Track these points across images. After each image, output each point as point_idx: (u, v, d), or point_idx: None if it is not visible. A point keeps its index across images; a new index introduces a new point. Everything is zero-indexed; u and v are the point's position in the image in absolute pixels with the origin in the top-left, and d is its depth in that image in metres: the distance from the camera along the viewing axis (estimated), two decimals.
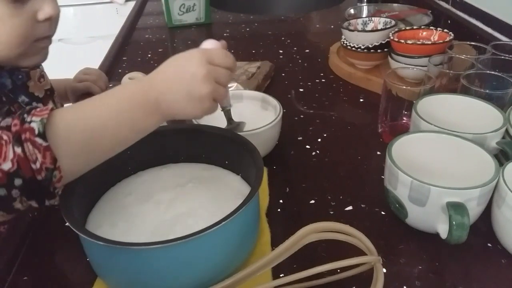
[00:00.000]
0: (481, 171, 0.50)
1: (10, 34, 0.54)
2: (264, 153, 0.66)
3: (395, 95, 0.66)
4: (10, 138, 0.39)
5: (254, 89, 0.81)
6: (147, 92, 0.45)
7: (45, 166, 0.40)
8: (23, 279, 0.50)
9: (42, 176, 0.40)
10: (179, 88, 0.46)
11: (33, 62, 0.60)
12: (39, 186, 0.40)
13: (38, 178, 0.40)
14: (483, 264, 0.50)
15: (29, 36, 0.56)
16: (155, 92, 0.45)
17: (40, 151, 0.39)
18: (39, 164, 0.40)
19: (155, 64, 0.46)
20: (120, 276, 0.45)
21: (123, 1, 2.11)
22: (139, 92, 0.45)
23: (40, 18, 0.55)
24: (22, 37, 0.55)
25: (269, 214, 0.57)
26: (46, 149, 0.40)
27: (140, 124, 0.46)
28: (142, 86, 0.46)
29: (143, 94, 0.45)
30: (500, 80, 0.64)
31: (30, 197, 0.41)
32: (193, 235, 0.40)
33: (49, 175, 0.40)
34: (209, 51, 0.48)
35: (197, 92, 0.45)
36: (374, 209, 0.58)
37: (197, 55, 0.47)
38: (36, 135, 0.39)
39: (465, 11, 1.11)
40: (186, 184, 0.56)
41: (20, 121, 0.40)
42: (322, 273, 0.45)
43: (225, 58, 0.48)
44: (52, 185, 0.41)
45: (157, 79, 0.46)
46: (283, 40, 1.19)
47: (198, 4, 1.28)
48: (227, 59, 0.49)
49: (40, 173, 0.40)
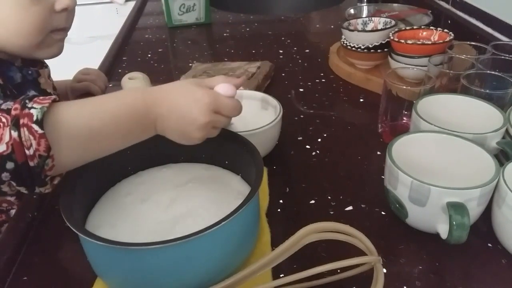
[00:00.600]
0: (481, 171, 0.50)
1: (29, 22, 0.55)
2: (264, 153, 0.66)
3: (395, 95, 0.66)
4: (8, 121, 0.40)
5: (254, 89, 0.81)
6: (149, 109, 0.46)
7: (39, 153, 0.40)
8: (23, 279, 0.50)
9: (34, 162, 0.40)
10: (177, 123, 0.47)
11: (48, 54, 0.62)
12: (30, 172, 0.41)
13: (31, 164, 0.40)
14: (483, 264, 0.50)
15: (46, 26, 0.57)
16: (156, 113, 0.46)
17: (36, 138, 0.40)
18: (33, 151, 0.40)
19: (155, 64, 0.46)
20: (120, 276, 0.45)
21: (123, 1, 2.11)
22: (142, 107, 0.46)
23: (57, 9, 0.57)
24: (40, 26, 0.57)
25: (269, 214, 0.57)
26: (41, 137, 0.40)
27: (134, 135, 0.47)
28: (146, 103, 0.46)
29: (145, 110, 0.46)
30: (500, 80, 0.64)
31: (20, 183, 0.41)
32: (193, 235, 0.40)
33: (41, 162, 0.40)
34: (220, 101, 0.47)
35: (190, 135, 0.47)
36: (374, 209, 0.58)
37: (207, 101, 0.46)
38: (34, 121, 0.40)
39: (465, 11, 1.11)
40: (186, 184, 0.56)
41: (21, 106, 0.41)
42: (322, 273, 0.45)
43: (233, 111, 0.49)
44: (43, 173, 0.41)
45: (162, 101, 0.47)
46: (283, 40, 1.19)
47: (198, 4, 1.28)
48: (234, 111, 0.49)
49: (33, 160, 0.40)
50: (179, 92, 0.47)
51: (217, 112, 0.47)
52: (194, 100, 0.46)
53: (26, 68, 0.63)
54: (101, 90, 0.84)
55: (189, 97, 0.47)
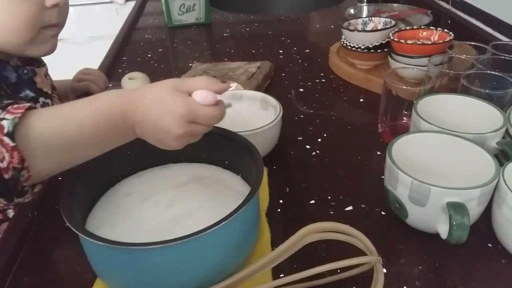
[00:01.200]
0: (481, 171, 0.50)
1: (19, 19, 0.55)
2: (264, 153, 0.66)
3: (395, 95, 0.66)
4: None
5: (254, 89, 0.81)
6: (126, 115, 0.44)
7: (13, 165, 0.39)
8: (23, 279, 0.50)
9: (9, 175, 0.39)
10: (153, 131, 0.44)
11: (41, 52, 0.61)
12: (6, 184, 0.40)
13: (5, 177, 0.39)
14: (483, 264, 0.50)
15: (37, 22, 0.57)
16: (132, 119, 0.44)
17: (8, 151, 0.39)
18: (6, 163, 0.39)
19: (155, 64, 0.46)
20: (120, 276, 0.45)
21: (123, 1, 2.11)
22: (119, 113, 0.44)
23: (48, 5, 0.57)
24: (31, 22, 0.56)
25: (269, 214, 0.57)
26: (14, 149, 0.39)
27: (112, 141, 0.45)
28: (123, 108, 0.44)
29: (122, 116, 0.44)
30: (500, 80, 0.64)
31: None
32: (193, 235, 0.40)
33: (16, 174, 0.40)
34: (196, 111, 0.43)
35: (166, 144, 0.45)
36: (374, 209, 0.58)
37: (182, 112, 0.43)
38: (5, 134, 0.39)
39: (465, 11, 1.11)
40: (186, 184, 0.56)
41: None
42: (322, 273, 0.45)
43: (211, 120, 0.45)
44: (19, 184, 0.41)
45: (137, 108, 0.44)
46: (283, 40, 1.19)
47: (198, 4, 1.28)
48: (213, 121, 0.45)
49: (7, 172, 0.39)
50: (154, 99, 0.44)
51: (194, 122, 0.44)
52: (168, 111, 0.43)
53: (22, 68, 0.62)
54: (101, 90, 0.84)
55: (163, 106, 0.43)
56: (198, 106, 0.44)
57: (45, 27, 0.59)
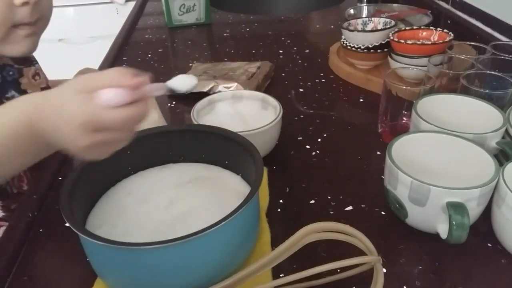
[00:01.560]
0: (481, 171, 0.50)
1: None
2: (264, 153, 0.66)
3: (395, 95, 0.66)
4: None
5: (254, 89, 0.81)
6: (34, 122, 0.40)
7: None
8: (23, 279, 0.50)
9: None
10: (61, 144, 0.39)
11: (17, 52, 0.59)
12: None
13: None
14: (483, 264, 0.50)
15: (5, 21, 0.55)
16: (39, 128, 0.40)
17: None
18: None
19: (155, 64, 0.46)
20: (120, 276, 0.45)
21: (123, 1, 2.11)
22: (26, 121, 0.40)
23: (17, 3, 0.54)
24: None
25: (269, 214, 0.57)
26: None
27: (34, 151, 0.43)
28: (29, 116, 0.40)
29: (29, 125, 0.40)
30: (500, 80, 0.64)
31: None
32: (193, 235, 0.40)
33: None
34: (100, 118, 0.36)
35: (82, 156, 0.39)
36: (374, 209, 0.58)
37: (80, 121, 0.36)
38: None
39: (465, 11, 1.11)
40: (186, 184, 0.56)
41: None
42: (322, 273, 0.45)
43: (123, 124, 0.37)
44: None
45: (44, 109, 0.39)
46: (283, 40, 1.19)
47: (198, 4, 1.28)
48: (126, 124, 0.37)
49: None
50: (52, 109, 0.39)
51: (101, 130, 0.37)
52: (64, 122, 0.37)
53: (8, 68, 0.61)
54: None
55: (60, 117, 0.38)
56: (101, 110, 0.36)
57: (17, 26, 0.56)
